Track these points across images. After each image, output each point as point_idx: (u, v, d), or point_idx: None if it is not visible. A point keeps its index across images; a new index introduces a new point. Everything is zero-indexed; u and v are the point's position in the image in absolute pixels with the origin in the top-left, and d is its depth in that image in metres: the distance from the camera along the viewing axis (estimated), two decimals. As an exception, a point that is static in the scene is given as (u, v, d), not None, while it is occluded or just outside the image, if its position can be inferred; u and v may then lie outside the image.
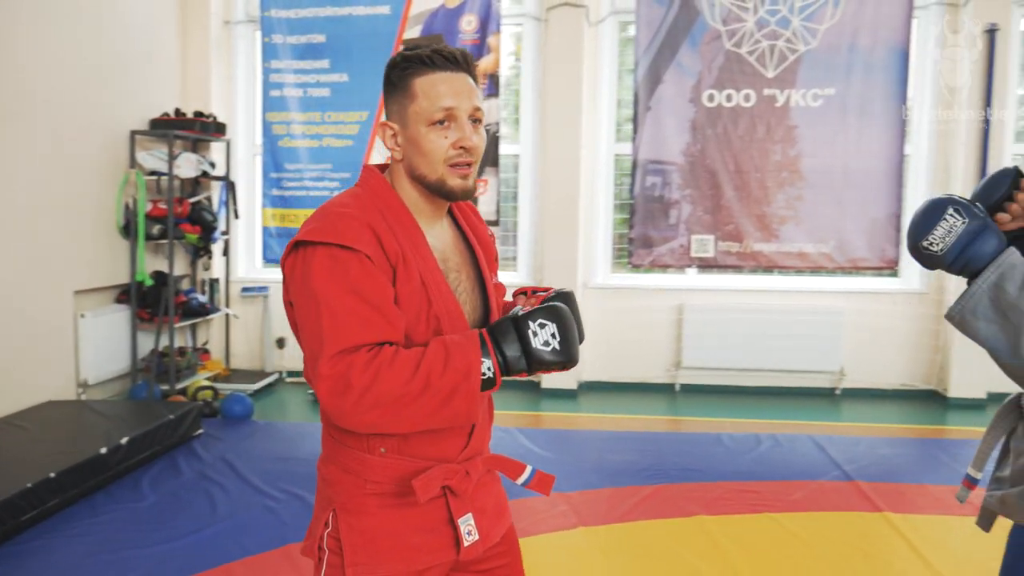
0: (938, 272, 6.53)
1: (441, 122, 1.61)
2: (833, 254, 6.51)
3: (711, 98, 6.53)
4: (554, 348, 1.51)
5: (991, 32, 6.21)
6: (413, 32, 6.70)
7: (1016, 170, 1.75)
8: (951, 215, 1.56)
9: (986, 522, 1.85)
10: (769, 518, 4.05)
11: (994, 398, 6.38)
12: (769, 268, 6.66)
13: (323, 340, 1.51)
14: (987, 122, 6.24)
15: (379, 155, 6.73)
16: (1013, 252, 1.55)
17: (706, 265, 6.70)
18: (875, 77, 6.40)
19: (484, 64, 6.60)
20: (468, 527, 1.71)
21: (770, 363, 6.66)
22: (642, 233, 6.65)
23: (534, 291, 1.82)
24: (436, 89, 1.61)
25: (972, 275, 1.58)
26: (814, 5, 6.41)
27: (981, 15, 6.24)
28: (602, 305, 6.77)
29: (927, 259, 1.60)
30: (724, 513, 4.11)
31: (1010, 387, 5.91)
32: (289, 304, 1.69)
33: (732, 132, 6.52)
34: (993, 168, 6.25)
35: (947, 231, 1.56)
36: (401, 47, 1.76)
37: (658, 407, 6.43)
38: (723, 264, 6.65)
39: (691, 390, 6.76)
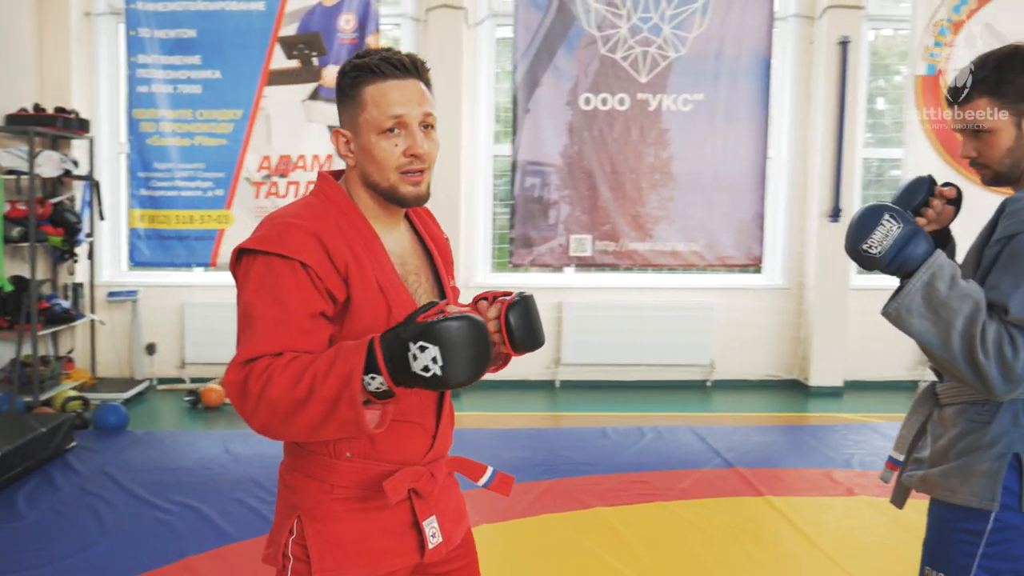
0: (799, 268, 6.94)
1: (391, 130, 1.63)
2: (703, 252, 6.82)
3: (587, 101, 6.71)
4: (435, 374, 1.40)
5: (844, 44, 6.65)
6: (289, 29, 6.57)
7: (931, 178, 1.92)
8: (887, 220, 1.71)
9: (900, 499, 2.02)
10: (662, 507, 4.22)
11: (850, 385, 6.85)
12: (644, 266, 6.90)
13: (239, 347, 1.55)
14: (841, 128, 6.67)
15: (255, 155, 6.58)
16: (941, 254, 1.71)
17: (584, 264, 6.88)
18: (740, 84, 6.73)
19: (363, 63, 6.55)
20: (432, 530, 1.74)
21: (645, 358, 6.90)
22: (522, 233, 6.76)
23: (495, 296, 1.84)
24: (385, 97, 1.62)
25: (905, 275, 1.73)
26: (683, 14, 6.69)
27: (835, 28, 6.67)
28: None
29: (866, 260, 1.75)
30: (620, 504, 4.25)
31: (865, 375, 6.37)
32: None
33: (608, 135, 6.72)
34: (847, 169, 6.69)
35: (884, 235, 1.70)
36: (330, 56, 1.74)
37: (540, 404, 6.55)
38: (600, 263, 6.84)
39: (570, 386, 6.93)
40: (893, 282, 1.80)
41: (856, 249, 1.74)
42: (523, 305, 1.79)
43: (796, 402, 6.64)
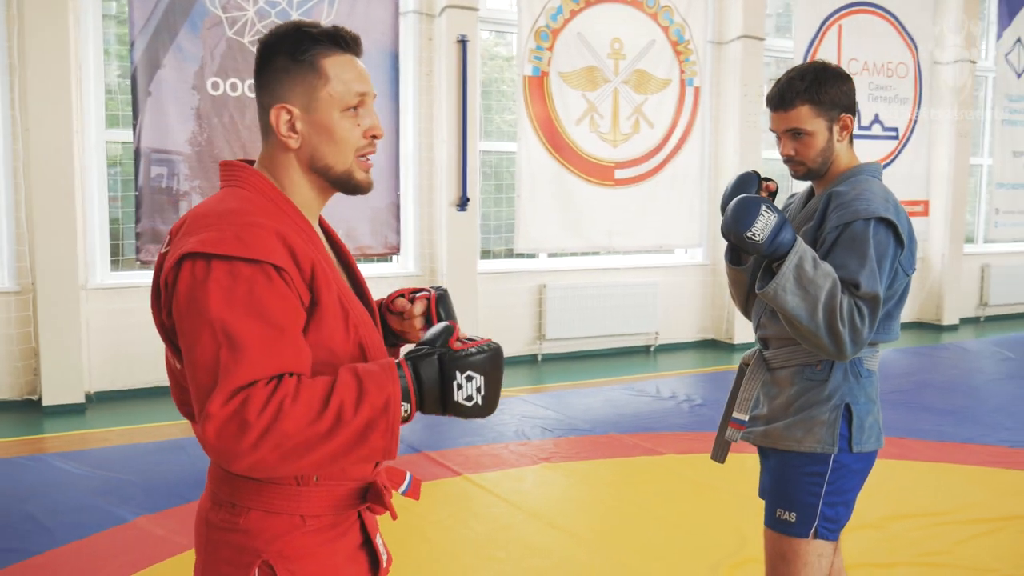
0: (430, 255, 7.24)
1: (354, 108, 1.50)
2: (344, 242, 6.79)
3: (216, 86, 6.32)
4: (476, 404, 1.38)
5: (462, 42, 7.04)
6: None
7: (756, 173, 2.20)
8: (765, 211, 1.93)
9: (722, 455, 2.30)
10: (372, 499, 4.20)
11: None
12: (283, 259, 6.70)
13: (218, 374, 1.30)
14: (464, 121, 7.07)
15: None
16: (801, 240, 1.98)
17: (219, 258, 6.49)
18: (370, 76, 6.80)
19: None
20: (381, 546, 1.64)
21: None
22: (150, 227, 6.18)
23: (412, 293, 1.76)
24: (349, 72, 1.50)
25: (776, 259, 1.97)
26: (311, 2, 6.59)
27: (453, 26, 7.03)
28: (106, 307, 6.17)
29: (750, 246, 1.96)
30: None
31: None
32: (162, 324, 1.45)
33: (239, 121, 6.40)
34: (471, 160, 7.11)
35: (765, 224, 1.93)
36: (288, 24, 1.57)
37: (173, 412, 6.05)
38: (237, 257, 6.51)
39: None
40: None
41: (741, 236, 1.95)
42: (447, 299, 1.75)
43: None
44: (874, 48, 9.05)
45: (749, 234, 1.94)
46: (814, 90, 2.09)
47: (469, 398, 1.37)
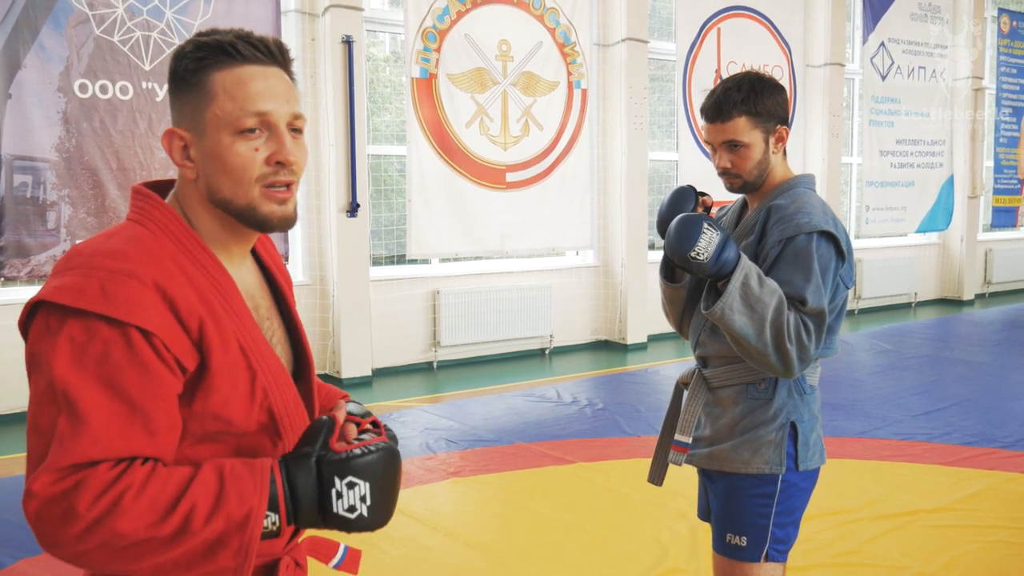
0: (319, 263, 6.99)
1: (252, 130, 1.27)
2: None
3: (84, 88, 5.91)
4: (360, 515, 1.22)
5: (348, 43, 6.82)
6: None
7: (692, 188, 2.13)
8: (707, 229, 1.86)
9: (660, 478, 2.22)
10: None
11: (378, 373, 7.11)
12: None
13: (51, 446, 1.13)
14: (352, 124, 6.84)
15: None
16: (744, 256, 1.92)
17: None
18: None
19: None
20: None
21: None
22: (14, 240, 5.73)
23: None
24: (244, 88, 1.27)
25: (720, 278, 1.90)
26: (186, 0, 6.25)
27: (337, 27, 6.80)
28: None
29: (694, 266, 1.88)
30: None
31: (388, 361, 6.68)
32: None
33: (111, 127, 6.00)
34: (359, 165, 6.89)
35: (708, 242, 1.85)
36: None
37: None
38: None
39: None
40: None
41: (685, 256, 1.87)
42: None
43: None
44: (751, 51, 9.28)
45: (693, 254, 1.86)
46: (751, 101, 2.03)
47: (352, 508, 1.21)
